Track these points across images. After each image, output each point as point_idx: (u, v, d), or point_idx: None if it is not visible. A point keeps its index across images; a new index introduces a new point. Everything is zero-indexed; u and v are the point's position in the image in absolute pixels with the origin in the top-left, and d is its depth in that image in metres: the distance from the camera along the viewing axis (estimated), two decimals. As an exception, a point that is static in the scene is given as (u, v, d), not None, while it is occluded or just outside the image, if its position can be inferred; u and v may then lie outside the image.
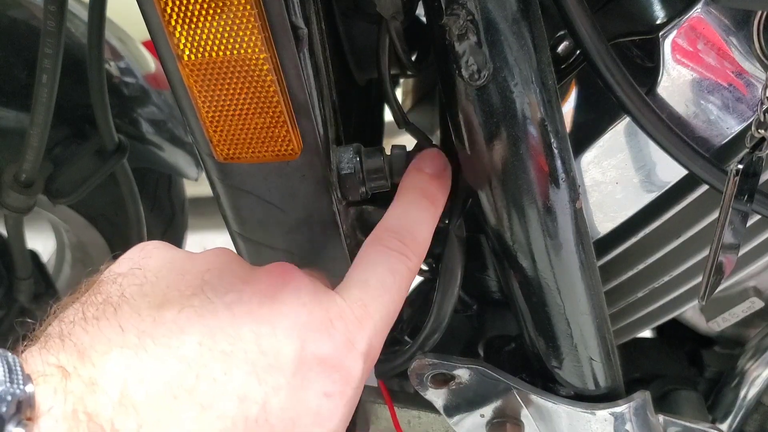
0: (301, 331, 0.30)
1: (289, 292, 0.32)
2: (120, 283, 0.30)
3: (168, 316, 0.28)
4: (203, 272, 0.32)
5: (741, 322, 0.63)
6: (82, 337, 0.27)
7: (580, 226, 0.45)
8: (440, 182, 0.44)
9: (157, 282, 0.31)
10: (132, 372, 0.26)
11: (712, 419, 0.64)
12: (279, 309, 0.31)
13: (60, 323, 0.28)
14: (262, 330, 0.29)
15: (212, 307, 0.29)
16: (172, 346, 0.27)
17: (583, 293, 0.48)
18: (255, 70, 0.35)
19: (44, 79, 0.60)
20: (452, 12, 0.37)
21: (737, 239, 0.41)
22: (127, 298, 0.29)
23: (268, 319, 0.30)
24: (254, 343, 0.29)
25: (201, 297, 0.30)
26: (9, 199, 0.69)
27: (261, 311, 0.30)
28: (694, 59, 0.42)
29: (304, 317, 0.31)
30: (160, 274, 0.31)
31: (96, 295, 0.29)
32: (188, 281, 0.31)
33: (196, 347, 0.27)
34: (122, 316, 0.28)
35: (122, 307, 0.28)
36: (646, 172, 0.48)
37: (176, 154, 0.90)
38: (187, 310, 0.29)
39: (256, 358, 0.28)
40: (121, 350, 0.26)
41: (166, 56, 0.37)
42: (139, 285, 0.30)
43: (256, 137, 0.38)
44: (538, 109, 0.40)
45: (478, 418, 0.58)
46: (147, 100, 0.88)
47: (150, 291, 0.30)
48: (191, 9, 0.33)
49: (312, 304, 0.32)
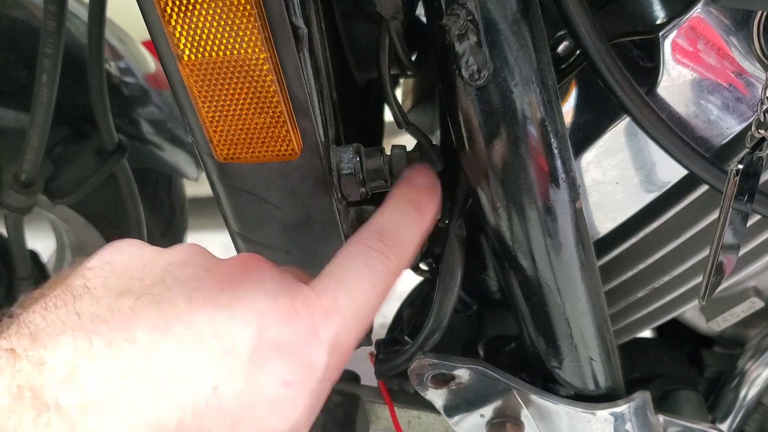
0: (261, 317, 0.30)
1: (252, 281, 0.32)
2: (86, 276, 0.30)
3: (125, 304, 0.28)
4: (167, 264, 0.31)
5: (741, 322, 0.63)
6: (38, 322, 0.27)
7: (580, 226, 0.45)
8: (429, 194, 0.44)
9: (122, 274, 0.30)
10: (82, 352, 0.26)
11: (712, 419, 0.64)
12: (239, 295, 0.30)
13: (21, 312, 0.28)
14: (218, 315, 0.29)
15: (170, 294, 0.29)
16: (126, 330, 0.27)
17: (583, 293, 0.48)
18: (255, 70, 0.35)
19: (44, 78, 0.60)
20: (452, 12, 0.37)
21: (737, 239, 0.41)
22: (89, 288, 0.29)
23: (226, 305, 0.30)
24: (209, 327, 0.28)
25: (161, 286, 0.30)
26: (9, 198, 0.69)
27: (220, 298, 0.30)
28: (694, 59, 0.42)
29: (266, 304, 0.30)
30: (126, 267, 0.31)
31: (61, 287, 0.30)
32: (151, 271, 0.31)
33: (149, 331, 0.27)
34: (81, 304, 0.28)
35: (83, 296, 0.29)
36: (646, 172, 0.48)
37: (176, 154, 0.90)
38: (145, 298, 0.29)
39: (210, 342, 0.28)
40: (74, 333, 0.26)
41: (166, 56, 0.37)
42: (104, 277, 0.30)
43: (256, 137, 0.38)
44: (538, 109, 0.40)
45: (478, 418, 0.58)
46: (147, 100, 0.88)
47: (113, 283, 0.30)
48: (191, 9, 0.33)
49: (276, 292, 0.31)
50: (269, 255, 0.49)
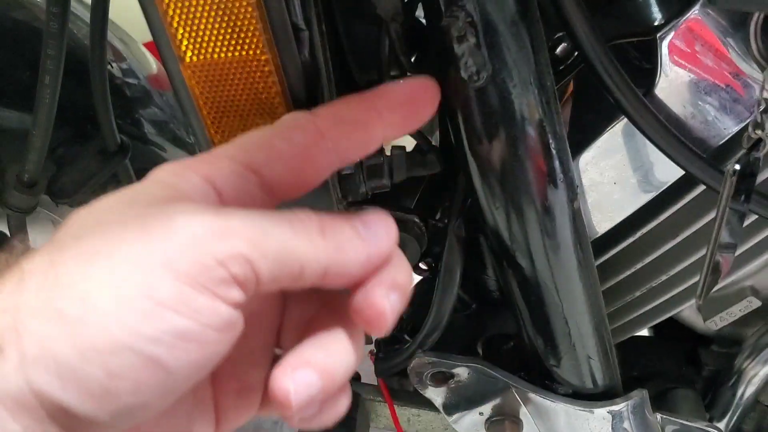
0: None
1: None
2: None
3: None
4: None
5: (738, 321, 0.63)
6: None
7: (578, 226, 0.45)
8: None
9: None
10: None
11: (709, 418, 0.64)
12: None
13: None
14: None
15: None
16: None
17: (581, 292, 0.48)
18: (257, 71, 0.35)
19: (47, 80, 0.61)
20: (451, 14, 0.38)
21: (734, 239, 0.42)
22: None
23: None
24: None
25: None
26: (12, 199, 0.70)
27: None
28: (691, 60, 0.43)
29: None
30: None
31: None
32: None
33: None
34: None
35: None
36: (643, 172, 0.48)
37: (178, 155, 0.90)
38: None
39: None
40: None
41: (168, 57, 0.37)
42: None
43: (257, 138, 0.39)
44: (536, 109, 0.40)
45: (477, 416, 0.58)
46: (149, 101, 0.88)
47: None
48: (193, 10, 0.33)
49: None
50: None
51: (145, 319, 0.24)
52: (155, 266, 0.25)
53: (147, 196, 0.29)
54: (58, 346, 0.23)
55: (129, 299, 0.24)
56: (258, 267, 0.26)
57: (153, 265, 0.25)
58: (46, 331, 0.24)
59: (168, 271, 0.25)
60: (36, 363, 0.23)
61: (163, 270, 0.25)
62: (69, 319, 0.24)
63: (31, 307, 0.24)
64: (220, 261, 0.25)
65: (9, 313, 0.24)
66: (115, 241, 0.25)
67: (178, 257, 0.25)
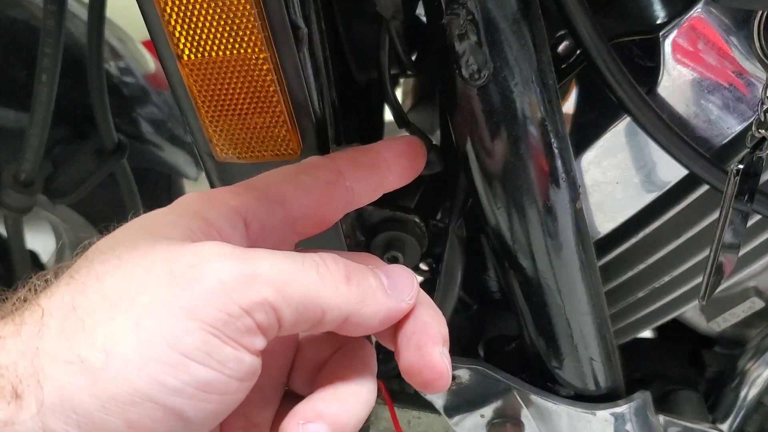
0: None
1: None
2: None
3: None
4: None
5: (741, 322, 0.63)
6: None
7: (580, 226, 0.45)
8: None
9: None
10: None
11: (712, 419, 0.64)
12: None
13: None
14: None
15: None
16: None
17: (584, 293, 0.48)
18: (255, 69, 0.35)
19: (44, 78, 0.60)
20: (452, 12, 0.37)
21: (737, 239, 0.41)
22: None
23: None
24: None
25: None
26: (8, 198, 0.69)
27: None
28: (694, 59, 0.42)
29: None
30: None
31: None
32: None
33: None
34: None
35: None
36: (646, 172, 0.48)
37: (176, 154, 0.90)
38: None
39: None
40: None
41: (165, 56, 0.37)
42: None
43: (255, 137, 0.38)
44: (538, 108, 0.40)
45: (479, 419, 0.58)
46: (146, 99, 0.87)
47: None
48: (191, 9, 0.33)
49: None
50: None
51: (169, 370, 0.24)
52: (180, 315, 0.24)
53: (174, 228, 0.28)
54: (79, 396, 0.23)
55: (153, 349, 0.23)
56: (282, 314, 0.26)
57: (178, 313, 0.24)
58: (66, 379, 0.23)
59: (193, 320, 0.24)
60: (55, 412, 0.23)
61: (188, 319, 0.24)
62: (91, 368, 0.23)
63: (52, 354, 0.23)
64: (246, 309, 0.25)
65: (28, 358, 0.23)
66: (139, 285, 0.25)
67: (203, 305, 0.24)
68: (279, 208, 0.31)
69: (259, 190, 0.31)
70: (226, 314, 0.24)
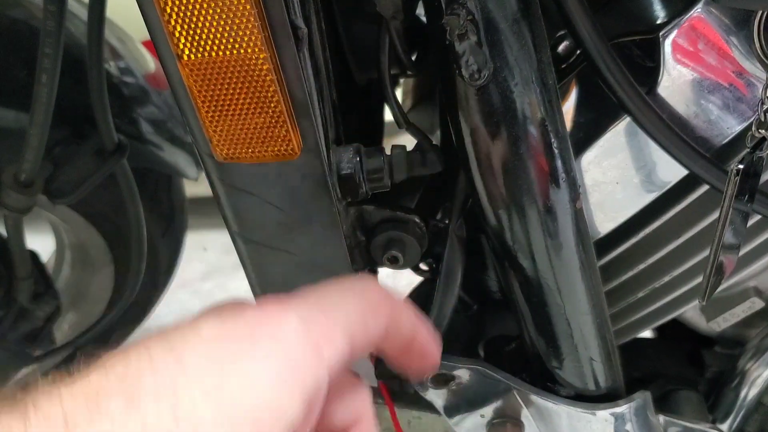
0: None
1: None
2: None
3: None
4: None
5: (741, 322, 0.62)
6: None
7: (580, 226, 0.45)
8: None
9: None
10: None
11: (712, 419, 0.64)
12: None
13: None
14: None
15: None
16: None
17: (584, 293, 0.48)
18: (255, 69, 0.35)
19: (44, 78, 0.60)
20: (452, 12, 0.37)
21: (738, 239, 0.41)
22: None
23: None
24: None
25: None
26: (9, 199, 0.69)
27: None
28: (694, 59, 0.42)
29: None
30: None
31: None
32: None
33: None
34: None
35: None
36: (646, 172, 0.48)
37: (176, 154, 0.90)
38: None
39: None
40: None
41: (165, 56, 0.37)
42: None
43: (255, 137, 0.38)
44: (538, 108, 0.40)
45: (479, 419, 0.58)
46: (147, 100, 0.87)
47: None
48: (191, 9, 0.33)
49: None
50: (269, 255, 0.49)
51: None
52: None
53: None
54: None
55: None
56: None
57: None
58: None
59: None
60: None
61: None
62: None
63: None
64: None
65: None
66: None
67: None
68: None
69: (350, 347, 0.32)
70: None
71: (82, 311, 1.05)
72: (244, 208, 0.45)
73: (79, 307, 1.05)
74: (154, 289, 1.03)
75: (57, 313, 0.87)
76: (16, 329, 0.83)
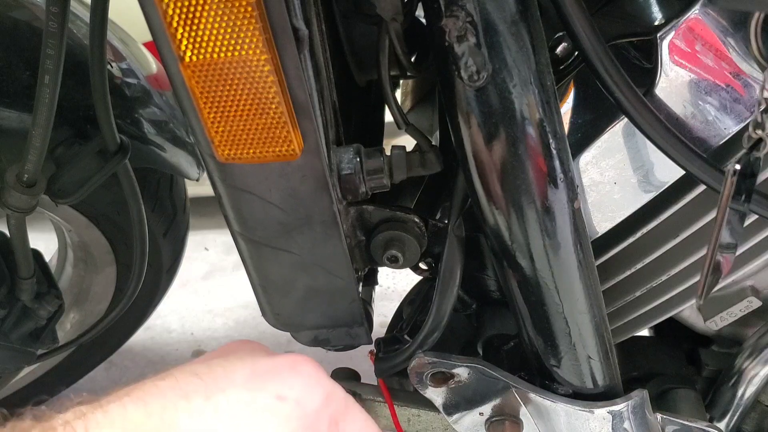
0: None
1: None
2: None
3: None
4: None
5: (738, 321, 0.63)
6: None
7: (578, 226, 0.45)
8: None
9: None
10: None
11: (709, 418, 0.64)
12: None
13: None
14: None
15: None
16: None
17: (582, 292, 0.48)
18: (256, 71, 0.35)
19: (46, 79, 0.60)
20: (451, 13, 0.38)
21: (735, 239, 0.42)
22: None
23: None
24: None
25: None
26: (11, 199, 0.69)
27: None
28: (691, 60, 0.43)
29: None
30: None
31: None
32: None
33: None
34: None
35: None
36: (644, 172, 0.48)
37: (178, 155, 0.90)
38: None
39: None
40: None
41: (167, 57, 0.37)
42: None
43: (257, 138, 0.39)
44: (536, 109, 0.40)
45: (477, 417, 0.58)
46: (149, 100, 0.88)
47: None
48: (193, 10, 0.33)
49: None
50: (270, 255, 0.49)
51: None
52: None
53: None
54: None
55: None
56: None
57: None
58: None
59: None
60: None
61: None
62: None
63: None
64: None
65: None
66: None
67: None
68: None
69: None
70: None
71: (84, 310, 1.05)
72: (246, 208, 0.46)
73: (82, 306, 1.05)
74: (156, 289, 1.04)
75: (60, 312, 0.88)
76: (18, 328, 0.83)
